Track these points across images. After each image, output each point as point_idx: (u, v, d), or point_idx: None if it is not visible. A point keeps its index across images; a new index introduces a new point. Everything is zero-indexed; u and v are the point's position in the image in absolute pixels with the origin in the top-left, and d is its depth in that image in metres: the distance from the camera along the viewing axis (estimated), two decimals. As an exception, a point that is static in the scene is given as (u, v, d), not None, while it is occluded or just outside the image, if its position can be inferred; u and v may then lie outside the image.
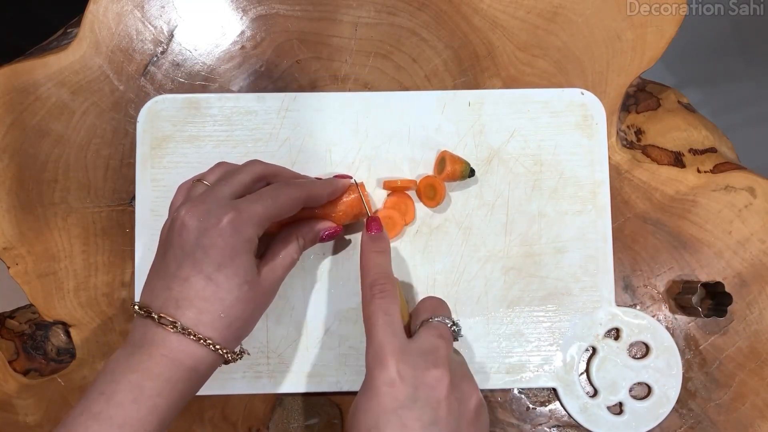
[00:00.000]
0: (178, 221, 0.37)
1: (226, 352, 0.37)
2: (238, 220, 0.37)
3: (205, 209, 0.37)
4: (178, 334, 0.35)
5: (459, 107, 0.51)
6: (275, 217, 0.39)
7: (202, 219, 0.37)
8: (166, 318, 0.35)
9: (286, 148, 0.50)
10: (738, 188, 0.51)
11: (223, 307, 0.36)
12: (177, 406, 0.35)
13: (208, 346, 0.36)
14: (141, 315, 0.36)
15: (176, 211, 0.38)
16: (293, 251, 0.42)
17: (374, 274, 0.41)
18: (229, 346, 0.37)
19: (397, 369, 0.35)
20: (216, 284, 0.36)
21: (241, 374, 0.48)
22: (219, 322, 0.36)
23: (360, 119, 0.50)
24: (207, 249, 0.36)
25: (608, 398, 0.48)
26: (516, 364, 0.49)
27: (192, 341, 0.35)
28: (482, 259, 0.49)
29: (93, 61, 0.51)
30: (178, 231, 0.37)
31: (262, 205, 0.38)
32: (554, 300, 0.49)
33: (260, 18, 0.52)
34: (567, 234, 0.50)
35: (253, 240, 0.38)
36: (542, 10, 0.52)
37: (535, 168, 0.50)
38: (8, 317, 0.51)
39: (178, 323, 0.35)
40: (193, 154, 0.50)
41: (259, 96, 0.50)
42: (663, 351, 0.49)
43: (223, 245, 0.36)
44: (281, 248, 0.42)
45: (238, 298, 0.37)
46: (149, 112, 0.50)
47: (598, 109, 0.51)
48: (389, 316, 0.38)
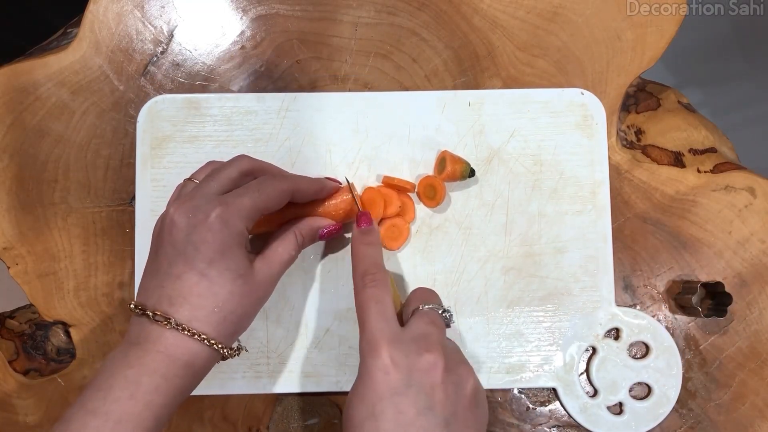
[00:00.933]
0: (168, 219, 0.38)
1: (222, 347, 0.37)
2: (226, 213, 0.37)
3: (192, 206, 0.37)
4: (173, 330, 0.35)
5: (459, 107, 0.51)
6: (263, 210, 0.39)
7: (190, 215, 0.37)
8: (160, 315, 0.36)
9: (286, 148, 0.50)
10: (738, 188, 0.51)
11: (217, 301, 0.36)
12: (174, 402, 0.35)
13: (203, 342, 0.36)
14: (137, 313, 0.37)
15: (165, 211, 0.38)
16: (291, 247, 0.42)
17: (365, 265, 0.41)
18: (225, 341, 0.37)
19: (390, 356, 0.35)
20: (209, 279, 0.36)
21: (241, 374, 0.48)
22: (213, 316, 0.36)
23: (360, 119, 0.50)
24: (197, 245, 0.36)
25: (608, 398, 0.48)
26: (516, 364, 0.49)
27: (187, 337, 0.35)
28: (482, 259, 0.49)
29: (93, 61, 0.51)
30: (168, 229, 0.37)
31: (249, 198, 0.38)
32: (554, 300, 0.49)
33: (260, 18, 0.52)
34: (567, 234, 0.50)
35: (243, 233, 0.38)
36: (542, 10, 0.52)
37: (535, 168, 0.50)
38: (8, 317, 0.51)
39: (173, 319, 0.35)
40: (193, 154, 0.50)
41: (259, 96, 0.50)
42: (663, 351, 0.49)
43: (213, 240, 0.36)
44: (278, 244, 0.42)
45: (232, 292, 0.37)
46: (149, 112, 0.50)
47: (598, 109, 0.51)
48: (381, 305, 0.38)
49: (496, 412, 0.49)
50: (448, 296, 0.49)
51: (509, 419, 0.49)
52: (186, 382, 0.36)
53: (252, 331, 0.48)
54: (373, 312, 0.38)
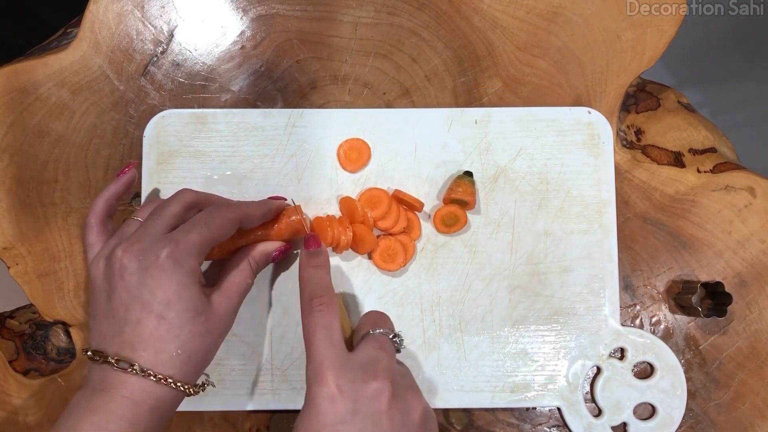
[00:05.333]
0: (117, 264, 0.36)
1: (188, 387, 0.36)
2: (176, 252, 0.36)
3: (140, 248, 0.37)
4: (137, 375, 0.34)
5: (465, 125, 0.50)
6: (212, 242, 0.39)
7: (141, 258, 0.36)
8: (123, 362, 0.35)
9: (293, 164, 0.50)
10: (738, 188, 0.51)
11: (180, 343, 0.36)
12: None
13: (169, 385, 0.35)
14: (96, 361, 0.35)
15: (111, 253, 0.37)
16: (246, 275, 0.41)
17: (312, 287, 0.40)
18: (190, 380, 0.37)
19: (336, 383, 0.35)
20: (168, 322, 0.35)
21: (245, 391, 0.48)
22: (177, 359, 0.36)
23: (366, 136, 0.50)
24: (153, 288, 0.35)
25: (612, 418, 0.48)
26: (521, 383, 0.48)
27: (152, 381, 0.35)
28: (488, 278, 0.49)
29: (93, 61, 0.51)
30: (119, 274, 0.36)
31: (198, 233, 0.38)
32: (559, 319, 0.49)
33: (260, 18, 0.52)
34: (573, 253, 0.50)
35: (196, 270, 0.37)
36: (542, 10, 0.52)
37: (541, 186, 0.50)
38: (8, 317, 0.51)
39: (136, 365, 0.34)
40: (199, 169, 0.50)
41: (265, 112, 0.50)
42: (668, 371, 0.48)
43: (168, 281, 0.36)
44: (234, 274, 0.41)
45: (192, 332, 0.36)
46: (156, 127, 0.50)
47: (605, 129, 0.51)
48: (328, 330, 0.37)
49: (496, 412, 0.49)
50: (453, 314, 0.49)
51: (509, 419, 0.49)
52: (153, 425, 0.35)
53: (255, 347, 0.48)
54: (320, 337, 0.37)
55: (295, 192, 0.50)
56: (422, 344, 0.48)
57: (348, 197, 0.48)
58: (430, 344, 0.48)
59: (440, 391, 0.48)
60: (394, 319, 0.48)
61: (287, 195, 0.49)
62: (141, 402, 0.34)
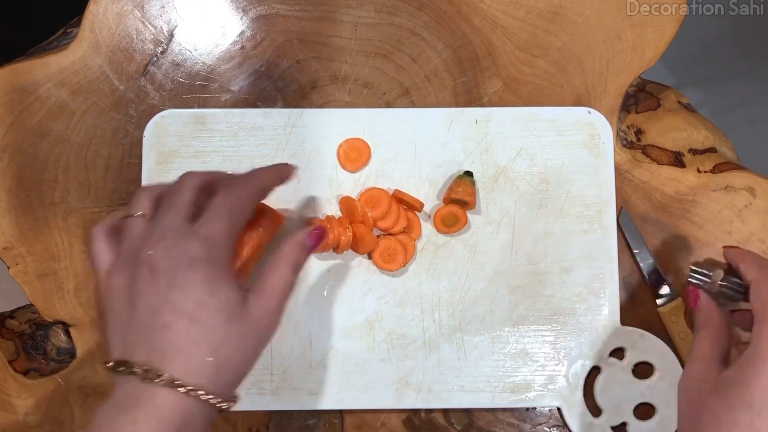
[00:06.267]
0: (144, 266, 0.33)
1: (220, 401, 0.33)
2: (206, 246, 0.34)
3: (166, 246, 0.33)
4: (165, 388, 0.31)
5: (466, 125, 0.50)
6: (238, 228, 0.36)
7: (170, 256, 0.33)
8: (151, 371, 0.31)
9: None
10: (738, 188, 0.51)
11: (212, 348, 0.33)
12: None
13: (198, 397, 0.32)
14: (121, 372, 0.32)
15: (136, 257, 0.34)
16: (283, 272, 0.37)
17: None
18: (223, 392, 0.33)
19: None
20: (201, 324, 0.32)
21: (245, 391, 0.47)
22: (209, 366, 0.32)
23: (366, 136, 0.50)
24: (184, 287, 0.33)
25: (612, 418, 0.48)
26: (521, 383, 0.48)
27: (181, 394, 0.31)
28: (488, 278, 0.49)
29: (93, 61, 0.51)
30: (149, 276, 0.33)
31: (225, 220, 0.35)
32: (559, 319, 0.49)
33: (260, 18, 0.52)
34: (573, 253, 0.49)
35: (228, 263, 0.35)
36: (542, 10, 0.52)
37: (541, 186, 0.50)
38: (8, 317, 0.51)
39: (165, 375, 0.31)
40: (199, 169, 0.49)
41: (265, 111, 0.50)
42: (668, 371, 0.48)
43: (200, 279, 0.33)
44: (268, 274, 0.37)
45: (226, 336, 0.33)
46: (155, 127, 0.50)
47: (605, 129, 0.51)
48: None
49: (496, 411, 0.49)
50: (453, 314, 0.49)
51: (509, 419, 0.49)
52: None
53: None
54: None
55: (295, 192, 0.50)
56: (422, 344, 0.48)
57: (348, 197, 0.48)
58: (430, 344, 0.48)
59: (440, 391, 0.48)
60: (394, 319, 0.48)
61: (287, 195, 0.49)
62: (167, 421, 0.31)
